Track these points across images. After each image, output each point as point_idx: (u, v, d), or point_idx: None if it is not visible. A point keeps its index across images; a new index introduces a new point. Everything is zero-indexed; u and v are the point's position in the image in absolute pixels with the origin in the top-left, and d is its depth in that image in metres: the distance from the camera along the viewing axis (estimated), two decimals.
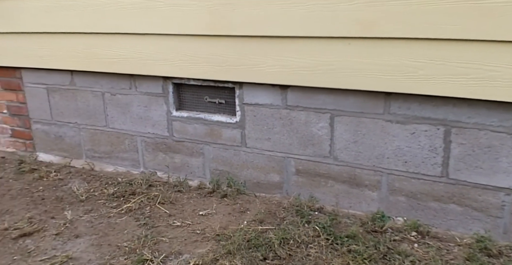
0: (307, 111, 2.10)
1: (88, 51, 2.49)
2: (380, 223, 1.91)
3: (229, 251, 1.74)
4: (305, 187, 2.21)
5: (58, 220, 2.10)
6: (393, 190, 2.00)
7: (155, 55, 2.31)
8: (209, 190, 2.34)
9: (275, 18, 1.94)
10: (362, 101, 1.96)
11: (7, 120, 3.09)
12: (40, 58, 2.68)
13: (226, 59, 2.14)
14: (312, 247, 1.76)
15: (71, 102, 2.76)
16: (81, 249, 1.85)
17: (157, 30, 2.25)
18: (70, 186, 2.47)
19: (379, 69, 1.82)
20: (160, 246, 1.83)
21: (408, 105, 1.87)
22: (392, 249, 1.72)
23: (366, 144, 2.01)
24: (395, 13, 1.72)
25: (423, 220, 1.94)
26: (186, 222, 2.04)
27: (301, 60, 1.96)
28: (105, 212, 2.16)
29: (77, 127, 2.80)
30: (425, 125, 1.86)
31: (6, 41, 2.75)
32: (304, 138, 2.14)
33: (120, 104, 2.59)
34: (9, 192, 2.44)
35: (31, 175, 2.63)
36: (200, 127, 2.40)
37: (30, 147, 3.04)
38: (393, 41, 1.77)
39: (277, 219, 2.01)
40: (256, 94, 2.20)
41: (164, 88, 2.43)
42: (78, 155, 2.85)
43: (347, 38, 1.84)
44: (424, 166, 1.91)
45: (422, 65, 1.75)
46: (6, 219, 2.12)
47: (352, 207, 2.11)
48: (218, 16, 2.07)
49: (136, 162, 2.67)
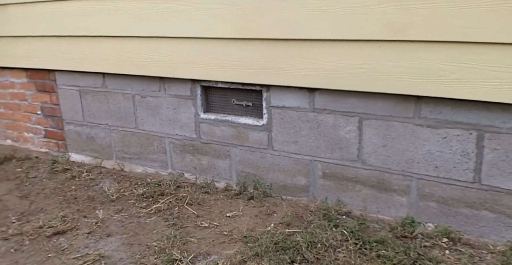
0: (335, 115, 2.09)
1: (120, 54, 2.55)
2: (410, 228, 1.88)
3: (257, 253, 1.75)
4: (332, 191, 2.20)
5: (90, 219, 2.15)
6: (423, 195, 1.96)
7: (185, 58, 2.35)
8: (236, 192, 2.36)
9: (304, 22, 1.95)
10: (392, 104, 1.94)
11: (41, 121, 3.20)
12: (73, 61, 2.76)
13: (254, 62, 2.15)
14: (340, 251, 1.75)
15: (103, 104, 2.83)
16: (112, 247, 1.89)
17: (187, 34, 2.29)
18: (101, 186, 2.54)
19: (410, 73, 1.80)
20: (188, 247, 1.86)
21: (440, 110, 1.84)
22: (423, 255, 1.69)
23: (395, 148, 1.98)
24: (427, 16, 1.70)
25: (455, 226, 1.90)
26: (213, 223, 2.06)
27: (330, 63, 1.96)
28: (135, 212, 2.20)
29: (108, 128, 2.87)
30: (457, 130, 1.83)
31: (42, 44, 2.85)
32: (331, 141, 2.14)
33: (150, 106, 2.65)
34: (43, 191, 2.52)
35: (64, 175, 2.72)
36: (227, 129, 2.42)
37: (63, 147, 3.14)
38: (424, 44, 1.74)
39: (304, 222, 2.01)
40: (283, 97, 2.21)
41: (192, 91, 2.46)
42: (109, 155, 2.92)
43: (377, 41, 1.83)
44: (455, 171, 1.87)
45: (455, 69, 1.72)
46: (40, 217, 2.19)
47: (381, 211, 2.09)
48: (247, 19, 2.09)
49: (164, 163, 2.71)
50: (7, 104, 3.35)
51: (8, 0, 2.86)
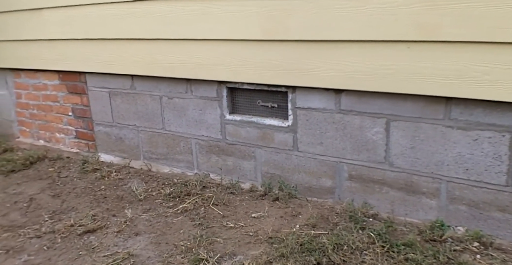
0: (361, 116, 2.07)
1: (148, 56, 2.60)
2: (439, 232, 1.84)
3: (282, 254, 1.75)
4: (358, 193, 2.18)
5: (119, 218, 2.21)
6: (453, 198, 1.92)
7: (211, 60, 2.38)
8: (261, 193, 2.37)
9: (331, 22, 1.94)
10: (421, 106, 1.90)
11: (72, 122, 3.30)
12: (103, 63, 2.83)
13: (280, 63, 2.16)
14: (367, 254, 1.73)
15: (131, 106, 2.89)
16: (140, 246, 1.93)
17: (213, 36, 2.32)
18: (129, 185, 2.59)
19: (440, 74, 1.77)
20: (214, 246, 1.88)
21: (471, 111, 1.80)
22: (453, 259, 1.66)
23: (424, 150, 1.95)
24: (458, 16, 1.66)
25: (486, 230, 1.85)
26: (239, 223, 2.07)
27: (357, 64, 1.94)
28: (162, 211, 2.24)
29: (136, 129, 2.93)
30: (489, 132, 1.78)
31: (73, 47, 2.94)
32: (358, 143, 2.12)
33: (177, 107, 2.69)
34: (74, 190, 2.60)
35: (94, 175, 2.79)
36: (252, 130, 2.43)
37: (93, 148, 3.22)
38: (455, 45, 1.71)
39: (330, 224, 2.00)
40: (309, 98, 2.20)
41: (218, 92, 2.49)
42: (137, 156, 2.99)
43: (406, 41, 1.80)
44: (487, 174, 1.82)
45: (487, 70, 1.67)
46: (72, 216, 2.26)
47: (409, 214, 2.05)
48: (273, 21, 2.10)
49: (190, 163, 2.75)
50: (40, 106, 3.46)
51: (42, 5, 2.96)
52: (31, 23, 3.09)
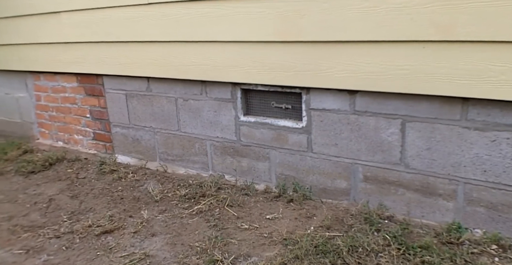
0: (376, 117, 2.06)
1: (164, 59, 2.63)
2: (456, 234, 1.82)
3: (297, 256, 1.75)
4: (374, 194, 2.16)
5: (136, 218, 2.24)
6: (471, 200, 1.89)
7: (225, 62, 2.39)
8: (275, 194, 2.37)
9: (345, 23, 1.93)
10: (437, 107, 1.88)
11: (90, 124, 3.36)
12: (120, 65, 2.88)
13: (294, 65, 2.16)
14: (383, 256, 1.72)
15: (147, 107, 2.93)
16: (157, 247, 1.96)
17: (227, 38, 2.33)
18: (146, 187, 2.63)
19: (456, 74, 1.74)
20: (229, 248, 1.89)
21: (488, 112, 1.77)
22: (470, 262, 1.63)
23: (440, 151, 1.92)
24: (474, 15, 1.64)
25: (505, 233, 1.82)
26: (253, 225, 2.08)
27: (372, 64, 1.93)
28: (178, 212, 2.27)
29: (152, 131, 2.97)
30: (507, 132, 1.75)
31: (91, 49, 2.99)
32: (372, 144, 2.10)
33: (192, 109, 2.71)
34: (92, 191, 2.65)
35: (111, 176, 2.84)
36: (266, 132, 2.44)
37: (110, 149, 3.28)
38: (472, 45, 1.68)
39: (344, 226, 1.99)
40: (323, 99, 2.19)
41: (232, 94, 2.50)
42: (153, 157, 3.02)
43: (421, 41, 1.79)
44: (505, 176, 1.79)
45: (505, 70, 1.64)
46: (89, 217, 2.30)
47: (425, 216, 2.03)
48: (287, 22, 2.10)
49: (205, 165, 2.77)
50: (59, 108, 3.54)
51: (60, 8, 3.02)
52: (49, 26, 3.15)
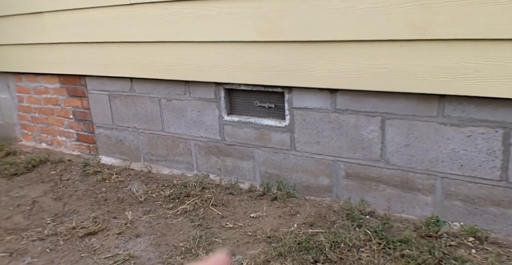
0: (356, 115, 2.09)
1: (147, 59, 2.63)
2: (435, 227, 1.86)
3: (280, 253, 1.78)
4: (355, 191, 2.20)
5: (120, 220, 2.24)
6: (448, 194, 1.94)
7: (208, 62, 2.40)
8: (260, 193, 2.39)
9: (325, 23, 1.96)
10: (415, 104, 1.92)
11: (73, 125, 3.33)
12: (103, 66, 2.86)
13: (276, 64, 2.18)
14: (364, 251, 1.76)
15: (131, 108, 2.92)
16: (141, 248, 1.97)
17: (210, 38, 2.34)
18: (130, 187, 2.63)
19: (433, 71, 1.78)
20: (213, 247, 1.91)
21: (463, 108, 1.82)
22: (448, 254, 1.68)
23: (418, 147, 1.97)
24: (449, 14, 1.68)
25: (481, 225, 1.87)
26: (238, 224, 2.10)
27: (351, 64, 1.96)
28: (162, 213, 2.27)
29: (136, 131, 2.96)
30: (482, 128, 1.80)
31: (73, 50, 2.97)
32: (353, 142, 2.14)
33: (175, 109, 2.72)
34: (75, 193, 2.64)
35: (95, 177, 2.82)
36: (250, 131, 2.46)
37: (94, 150, 3.26)
38: (447, 43, 1.73)
39: (327, 223, 2.03)
40: (305, 98, 2.22)
41: (216, 93, 2.52)
42: (137, 158, 3.02)
43: (399, 41, 1.82)
44: (481, 170, 1.84)
45: (479, 67, 1.69)
46: (73, 219, 2.30)
47: (405, 211, 2.07)
48: (269, 22, 2.12)
49: (190, 164, 2.78)
50: (42, 109, 3.50)
51: (43, 9, 2.99)
52: (31, 27, 3.12)
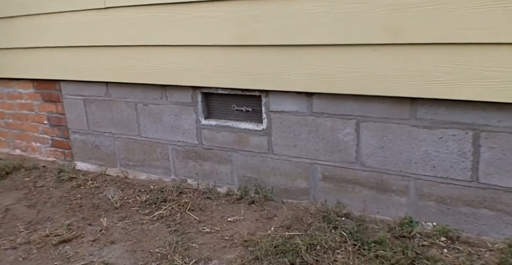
0: (332, 118, 2.12)
1: (122, 63, 2.61)
2: (408, 228, 1.89)
3: (257, 257, 1.77)
4: (332, 193, 2.22)
5: (95, 226, 2.20)
6: (422, 195, 1.98)
7: (185, 66, 2.39)
8: (237, 197, 2.39)
9: (300, 28, 1.98)
10: (389, 107, 1.96)
11: (48, 131, 3.27)
12: (77, 71, 2.82)
13: (253, 68, 2.19)
14: (339, 252, 1.77)
15: (107, 113, 2.88)
16: (116, 255, 1.93)
17: (186, 42, 2.33)
18: (105, 193, 2.58)
19: (405, 75, 1.82)
20: (190, 252, 1.89)
21: (435, 110, 1.86)
22: (421, 254, 1.70)
23: (392, 149, 2.00)
24: (420, 19, 1.72)
25: (453, 225, 1.91)
26: (215, 228, 2.09)
27: (327, 67, 1.99)
28: (138, 219, 2.24)
29: (112, 136, 2.92)
30: (453, 130, 1.84)
31: (47, 55, 2.92)
32: (330, 144, 2.16)
33: (152, 114, 2.69)
34: (50, 199, 2.58)
35: (70, 183, 2.77)
36: (228, 135, 2.46)
37: (69, 156, 3.20)
38: (418, 47, 1.76)
39: (304, 225, 2.03)
40: (282, 102, 2.23)
41: (193, 97, 2.51)
42: (113, 163, 2.97)
43: (372, 45, 1.85)
44: (453, 171, 1.88)
45: (449, 70, 1.73)
46: (47, 226, 2.24)
47: (380, 212, 2.10)
48: (245, 27, 2.13)
49: (167, 169, 2.75)
50: (16, 115, 3.42)
51: (15, 13, 2.94)
52: (4, 31, 3.06)
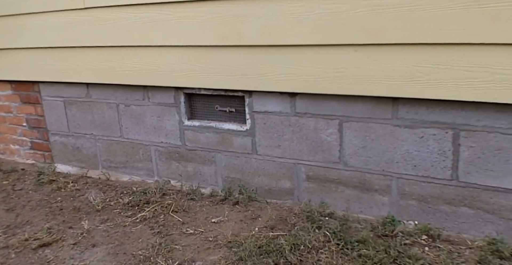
0: (316, 118, 2.13)
1: (103, 64, 2.57)
2: (391, 227, 1.91)
3: (241, 258, 1.77)
4: (316, 193, 2.23)
5: (76, 229, 2.16)
6: (404, 194, 2.00)
7: (167, 67, 2.37)
8: (221, 198, 2.38)
9: (282, 28, 1.98)
10: (371, 107, 1.97)
11: (26, 133, 3.20)
12: (57, 72, 2.77)
13: (236, 68, 2.18)
14: (323, 252, 1.77)
15: (87, 114, 2.84)
16: (98, 258, 1.90)
17: (168, 42, 2.31)
18: (87, 196, 2.54)
19: (386, 75, 1.84)
20: (173, 254, 1.87)
21: (416, 110, 1.88)
22: (403, 253, 1.72)
23: (375, 149, 2.02)
24: (400, 19, 1.74)
25: (434, 223, 1.94)
26: (199, 229, 2.07)
27: (309, 68, 1.99)
28: (121, 221, 2.21)
29: (94, 138, 2.88)
30: (433, 129, 1.87)
31: (25, 56, 2.86)
32: (313, 144, 2.17)
33: (134, 115, 2.66)
34: (29, 203, 2.52)
35: (50, 186, 2.71)
36: (211, 136, 2.44)
37: (49, 159, 3.14)
38: (399, 47, 1.79)
39: (288, 225, 2.04)
40: (265, 102, 2.23)
41: (176, 98, 2.49)
42: (95, 165, 2.93)
43: (353, 45, 1.87)
44: (433, 170, 1.91)
45: (429, 70, 1.76)
46: (26, 230, 2.19)
47: (363, 211, 2.12)
48: (228, 27, 2.12)
49: (150, 171, 2.72)
50: None
51: None
52: None
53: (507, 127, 1.74)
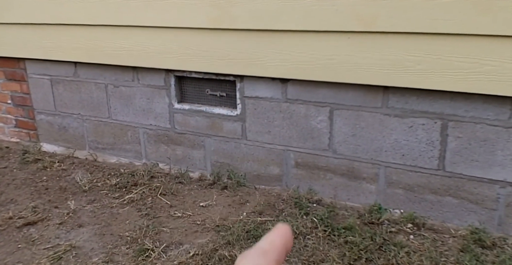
0: (306, 105, 2.12)
1: (91, 43, 2.51)
2: (377, 215, 1.94)
3: (229, 242, 1.78)
4: (304, 180, 2.24)
5: (62, 209, 2.14)
6: (391, 182, 2.03)
7: (158, 48, 2.33)
8: (210, 182, 2.38)
9: (276, 13, 1.96)
10: (362, 95, 1.98)
11: (11, 111, 3.13)
12: (44, 49, 2.70)
13: (227, 52, 2.16)
14: (310, 238, 1.80)
15: (75, 94, 2.79)
16: (84, 238, 1.89)
17: (159, 23, 2.27)
18: (73, 176, 2.52)
19: (378, 64, 1.84)
20: (161, 236, 1.88)
21: (406, 99, 1.90)
22: (388, 240, 1.76)
23: (364, 137, 2.03)
24: (393, 8, 1.73)
25: (420, 212, 1.97)
26: (186, 213, 2.08)
27: (301, 54, 1.98)
28: (108, 202, 2.20)
29: (81, 118, 2.83)
30: (422, 119, 1.89)
31: (10, 32, 2.78)
32: (303, 131, 2.17)
33: (123, 96, 2.62)
34: (13, 181, 2.49)
35: (35, 165, 2.68)
36: (201, 120, 2.43)
37: (34, 137, 3.09)
38: (391, 36, 1.78)
39: (276, 211, 2.05)
40: (256, 87, 2.22)
41: (166, 81, 2.45)
42: (82, 146, 2.89)
43: (346, 32, 1.86)
44: (421, 159, 1.93)
45: (420, 60, 1.76)
46: (10, 208, 2.17)
47: (350, 199, 2.14)
48: (220, 10, 2.08)
49: (138, 153, 2.70)
50: None
51: None
52: None
53: (494, 118, 1.76)
